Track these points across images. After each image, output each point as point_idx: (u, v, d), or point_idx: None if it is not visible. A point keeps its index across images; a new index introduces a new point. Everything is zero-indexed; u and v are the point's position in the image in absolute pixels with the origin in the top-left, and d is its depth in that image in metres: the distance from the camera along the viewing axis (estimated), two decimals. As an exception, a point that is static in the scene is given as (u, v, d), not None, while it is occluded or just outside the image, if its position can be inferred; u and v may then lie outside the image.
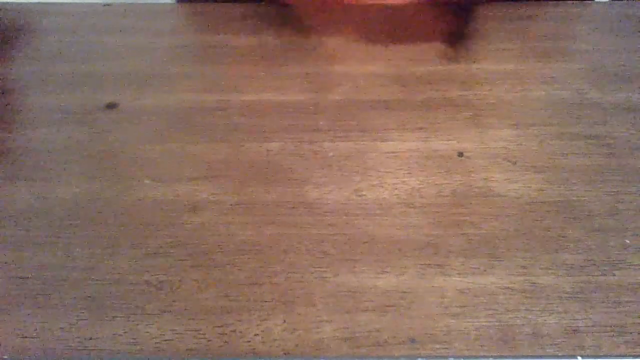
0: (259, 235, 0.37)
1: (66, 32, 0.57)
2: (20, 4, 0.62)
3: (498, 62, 0.52)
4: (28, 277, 0.35)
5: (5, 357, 0.31)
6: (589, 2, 0.61)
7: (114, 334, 0.32)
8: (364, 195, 0.39)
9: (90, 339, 0.32)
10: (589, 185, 0.40)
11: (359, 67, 0.51)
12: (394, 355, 0.31)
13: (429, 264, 0.35)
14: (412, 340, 0.31)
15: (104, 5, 0.61)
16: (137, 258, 0.36)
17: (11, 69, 0.53)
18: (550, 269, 0.34)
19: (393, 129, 0.45)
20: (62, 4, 0.62)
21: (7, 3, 0.63)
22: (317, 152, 0.43)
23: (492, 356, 0.31)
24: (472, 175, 0.41)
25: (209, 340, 0.31)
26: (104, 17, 0.60)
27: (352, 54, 0.53)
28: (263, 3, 0.60)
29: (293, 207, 0.38)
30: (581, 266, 0.35)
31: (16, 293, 0.34)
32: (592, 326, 0.32)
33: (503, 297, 0.33)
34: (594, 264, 0.35)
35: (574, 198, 0.39)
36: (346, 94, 0.48)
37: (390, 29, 0.56)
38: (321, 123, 0.45)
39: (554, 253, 0.35)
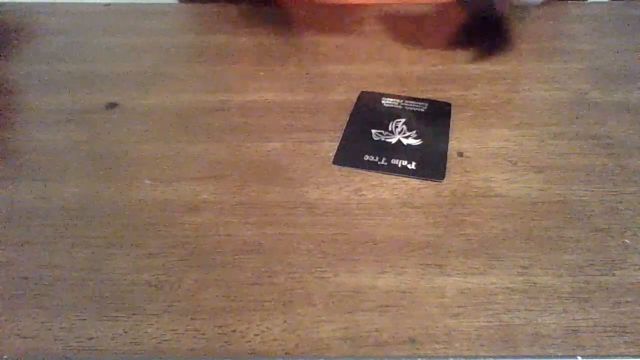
0: (259, 235, 0.37)
1: (66, 32, 0.57)
2: (20, 3, 0.63)
3: (498, 62, 0.52)
4: (28, 277, 0.35)
5: (5, 357, 0.31)
6: (589, 2, 0.61)
7: (114, 334, 0.32)
8: (364, 195, 0.39)
9: (90, 339, 0.32)
10: (589, 185, 0.40)
11: (359, 67, 0.51)
12: (394, 355, 0.31)
13: (429, 264, 0.35)
14: (412, 340, 0.31)
15: (104, 5, 0.61)
16: (137, 258, 0.36)
17: (11, 69, 0.53)
18: (550, 269, 0.34)
19: (393, 129, 0.45)
20: (62, 4, 0.62)
21: (7, 3, 0.63)
22: (317, 152, 0.43)
23: (492, 356, 0.31)
24: (472, 175, 0.41)
25: (209, 340, 0.31)
26: (104, 17, 0.60)
27: (352, 54, 0.53)
28: (263, 3, 0.60)
29: (293, 207, 0.38)
30: (581, 266, 0.35)
31: (16, 293, 0.34)
32: (592, 326, 0.32)
33: (503, 297, 0.33)
34: (594, 264, 0.35)
35: (574, 198, 0.39)
36: (346, 94, 0.48)
37: (390, 29, 0.56)
38: (321, 123, 0.45)
39: (553, 253, 0.35)
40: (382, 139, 0.43)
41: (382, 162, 0.41)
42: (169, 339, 0.32)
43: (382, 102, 0.47)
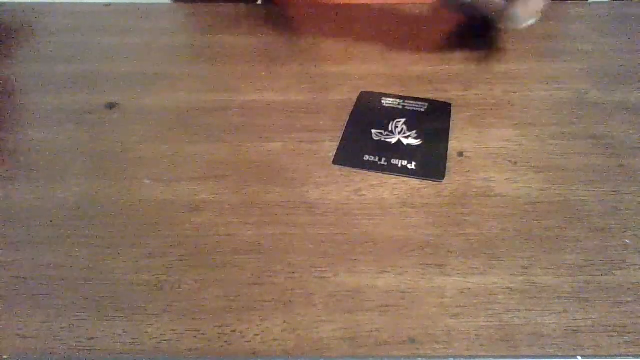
0: (259, 235, 0.37)
1: (66, 32, 0.57)
2: (20, 4, 0.63)
3: (498, 62, 0.52)
4: (28, 277, 0.35)
5: (5, 357, 0.31)
6: (589, 2, 0.61)
7: (114, 334, 0.32)
8: (364, 195, 0.39)
9: (90, 339, 0.32)
10: (589, 185, 0.40)
11: (359, 67, 0.51)
12: (394, 355, 0.31)
13: (429, 264, 0.35)
14: (412, 340, 0.31)
15: (104, 5, 0.61)
16: (137, 258, 0.36)
17: (11, 69, 0.53)
18: (550, 269, 0.34)
19: (393, 129, 0.45)
20: (62, 4, 0.62)
21: (7, 3, 0.63)
22: (317, 152, 0.43)
23: (492, 356, 0.31)
24: (472, 175, 0.41)
25: (209, 340, 0.31)
26: (104, 17, 0.60)
27: (352, 54, 0.53)
28: (262, 3, 0.60)
29: (293, 207, 0.38)
30: (581, 266, 0.35)
31: (16, 293, 0.34)
32: (592, 326, 0.32)
33: (503, 297, 0.33)
34: (594, 264, 0.35)
35: (574, 198, 0.39)
36: (346, 94, 0.48)
37: (390, 29, 0.56)
38: (321, 123, 0.45)
39: (554, 253, 0.35)
40: (382, 139, 0.43)
41: (382, 162, 0.41)
42: (169, 339, 0.32)
43: (382, 102, 0.47)
